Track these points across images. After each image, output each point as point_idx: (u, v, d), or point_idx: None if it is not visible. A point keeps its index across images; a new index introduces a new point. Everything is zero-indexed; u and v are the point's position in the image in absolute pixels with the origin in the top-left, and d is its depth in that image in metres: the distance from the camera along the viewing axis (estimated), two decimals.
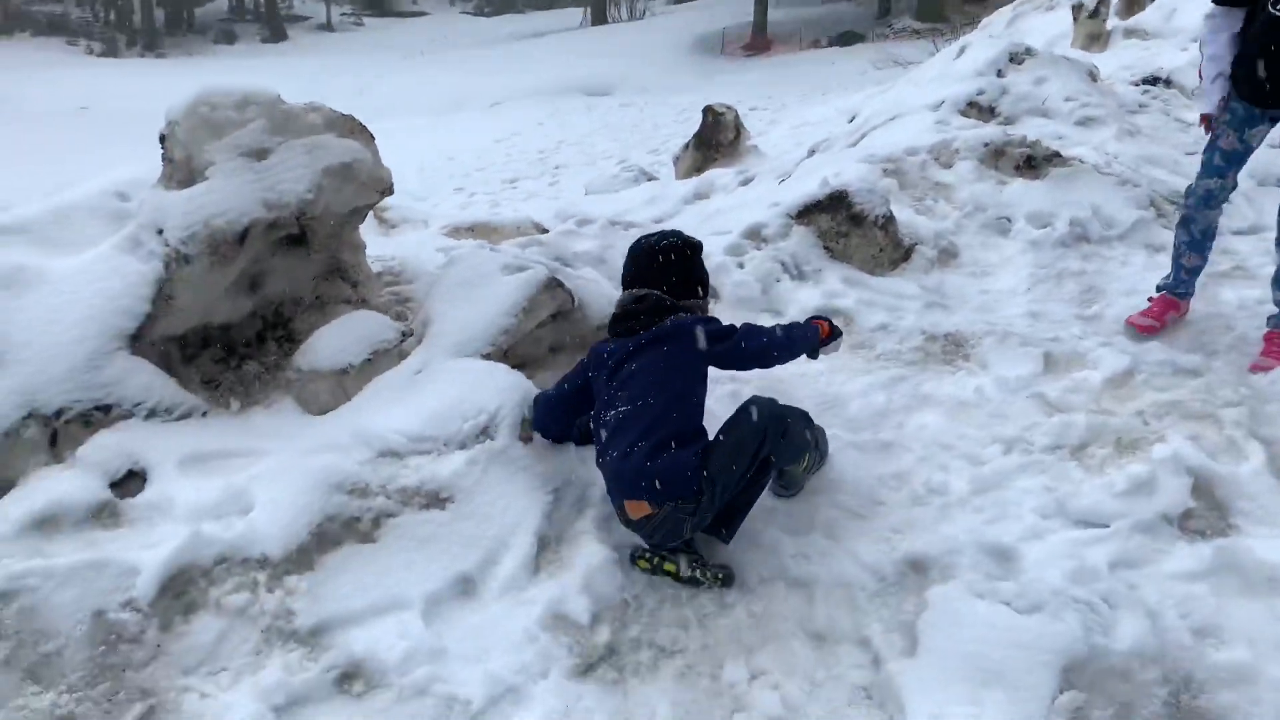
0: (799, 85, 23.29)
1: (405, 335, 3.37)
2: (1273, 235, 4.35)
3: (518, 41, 38.46)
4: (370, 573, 2.63)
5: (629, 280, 3.06)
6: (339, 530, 2.72)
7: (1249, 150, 3.49)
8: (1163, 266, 4.03)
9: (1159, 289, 3.69)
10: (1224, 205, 3.59)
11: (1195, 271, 3.64)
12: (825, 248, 4.14)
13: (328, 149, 3.24)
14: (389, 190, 3.46)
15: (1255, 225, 4.46)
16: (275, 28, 43.12)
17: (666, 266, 2.98)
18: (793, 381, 3.36)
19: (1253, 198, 4.66)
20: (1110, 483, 2.68)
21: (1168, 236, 4.26)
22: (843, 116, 12.55)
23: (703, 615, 2.53)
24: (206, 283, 3.15)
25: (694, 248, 3.04)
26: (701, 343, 2.78)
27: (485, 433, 2.93)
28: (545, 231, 4.76)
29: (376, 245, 4.27)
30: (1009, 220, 4.35)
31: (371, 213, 4.93)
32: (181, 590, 2.47)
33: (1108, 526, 2.57)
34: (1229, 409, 2.94)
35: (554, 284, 3.42)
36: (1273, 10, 3.16)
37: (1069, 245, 4.19)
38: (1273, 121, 3.38)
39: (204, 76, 3.49)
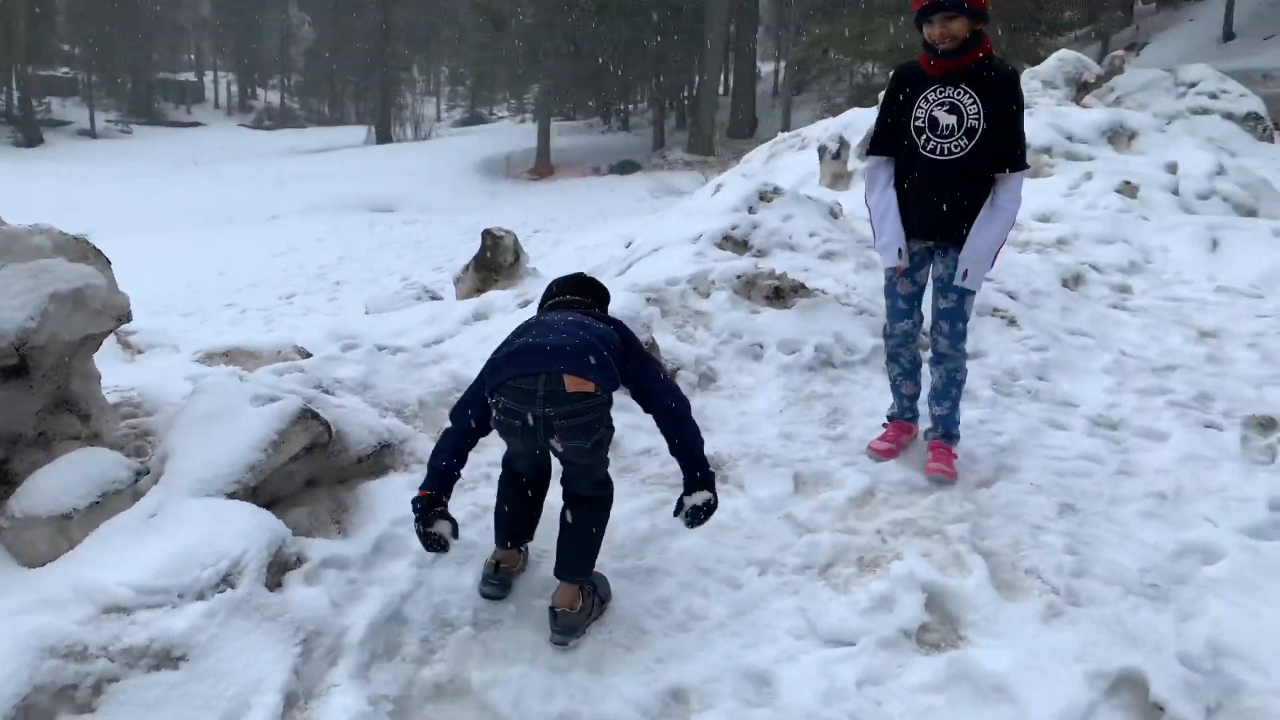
0: (581, 210, 24.13)
1: (140, 474, 3.12)
2: (989, 359, 4.88)
3: (299, 156, 37.79)
4: None
5: (551, 297, 3.26)
6: (50, 702, 2.41)
7: (923, 286, 3.77)
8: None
9: (889, 418, 4.00)
10: (921, 334, 3.91)
11: (914, 397, 3.97)
12: None
13: (55, 273, 3.01)
14: (126, 317, 3.24)
15: (976, 350, 4.96)
16: (30, 132, 40.27)
17: (598, 290, 3.26)
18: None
19: (972, 326, 5.19)
20: (855, 601, 2.83)
21: None
22: (620, 241, 13.08)
23: None
24: None
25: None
26: (630, 345, 2.91)
27: (226, 580, 2.72)
28: (308, 356, 4.59)
29: (118, 374, 3.97)
30: (761, 346, 4.63)
31: (115, 338, 4.61)
32: None
33: (854, 644, 2.69)
34: (955, 524, 3.20)
35: (308, 415, 3.28)
36: (924, 153, 3.48)
37: (816, 369, 4.50)
38: (930, 252, 3.64)
39: None
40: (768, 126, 32.45)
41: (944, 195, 3.47)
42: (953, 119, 3.41)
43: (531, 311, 6.49)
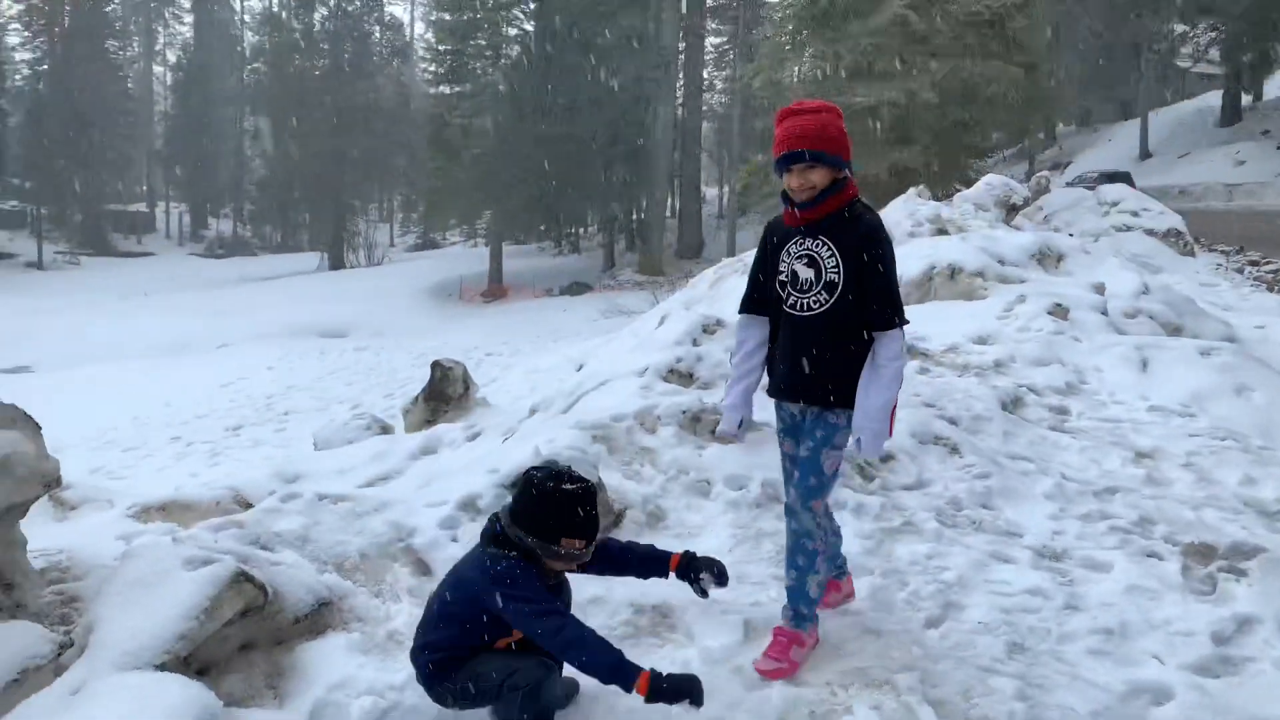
0: (532, 331, 24.33)
1: (64, 647, 2.99)
2: (934, 489, 4.92)
3: (250, 284, 37.86)
4: None
5: None
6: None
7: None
8: (847, 524, 4.39)
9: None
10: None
11: (827, 555, 3.51)
12: None
13: None
14: (55, 483, 3.17)
15: (920, 480, 5.01)
16: None
17: (517, 499, 3.03)
18: None
19: (915, 454, 5.27)
20: None
21: (848, 494, 4.69)
22: (571, 364, 13.15)
23: None
24: None
25: (535, 488, 2.95)
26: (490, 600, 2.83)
27: None
28: (248, 506, 4.50)
29: (46, 534, 3.86)
30: (709, 483, 4.63)
31: (46, 494, 4.48)
32: None
33: None
34: (904, 673, 3.16)
35: (241, 578, 3.19)
36: (787, 310, 3.25)
37: (763, 505, 4.50)
38: (803, 413, 3.35)
39: None
40: (714, 247, 33.34)
41: (806, 354, 3.22)
42: (810, 272, 3.18)
43: (480, 444, 6.48)
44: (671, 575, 3.28)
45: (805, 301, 3.21)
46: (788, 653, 3.28)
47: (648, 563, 3.30)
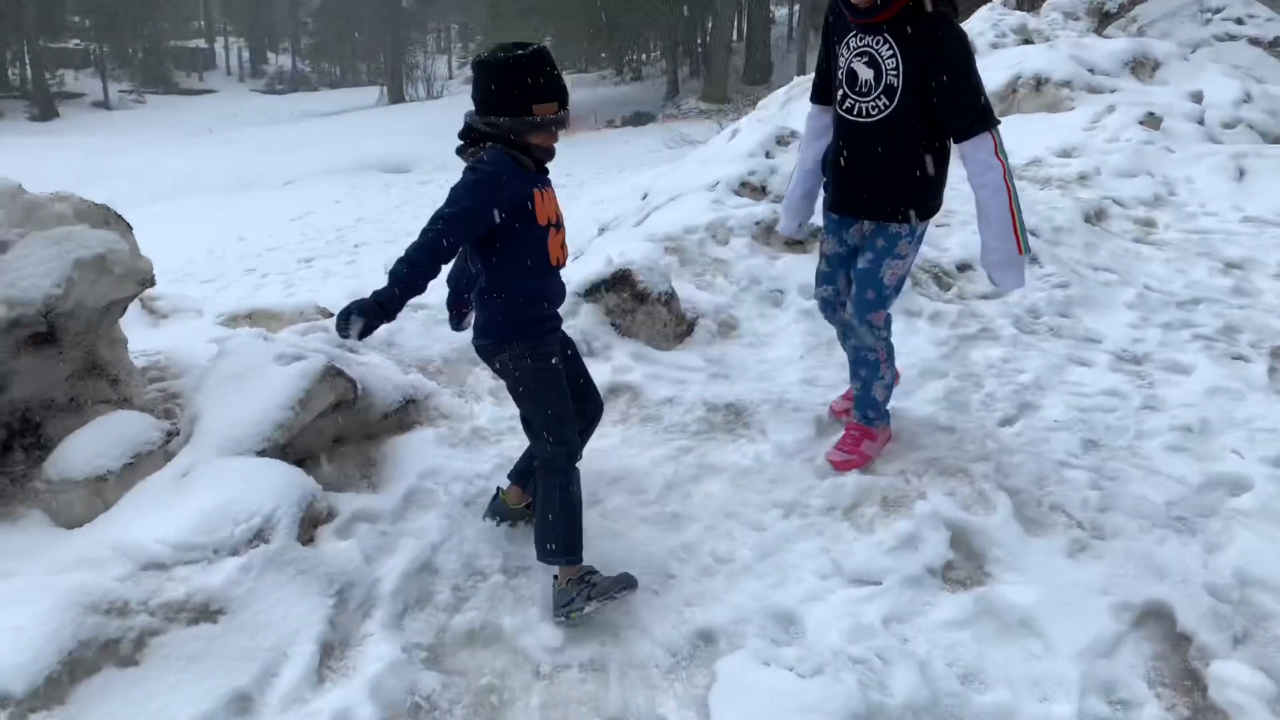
0: (595, 163, 23.96)
1: (171, 435, 3.17)
2: (1010, 297, 4.83)
3: (312, 119, 37.67)
4: (132, 700, 2.41)
5: None
6: (95, 656, 2.48)
7: (851, 251, 3.24)
8: (921, 331, 4.37)
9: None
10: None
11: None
12: (613, 324, 4.24)
13: (78, 241, 3.04)
14: (150, 282, 3.27)
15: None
16: (44, 105, 40.31)
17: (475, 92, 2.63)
18: (588, 457, 3.38)
19: None
20: (880, 541, 2.85)
21: (924, 302, 4.64)
22: (636, 193, 12.98)
23: (497, 707, 2.47)
24: None
25: (489, 63, 2.54)
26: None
27: (260, 536, 2.77)
28: (330, 316, 4.62)
29: (143, 338, 4.02)
30: (781, 292, 4.61)
31: (140, 303, 4.65)
32: None
33: (880, 583, 2.72)
34: (978, 463, 3.20)
35: (334, 372, 3.31)
36: (842, 113, 2.99)
37: None
38: (861, 230, 3.16)
39: None
40: (783, 72, 31.97)
41: (867, 166, 2.96)
42: (870, 73, 2.85)
43: None
44: None
45: (864, 106, 2.89)
46: (859, 446, 3.32)
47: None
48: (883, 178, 2.96)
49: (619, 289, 4.26)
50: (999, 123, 2.86)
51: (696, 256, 4.78)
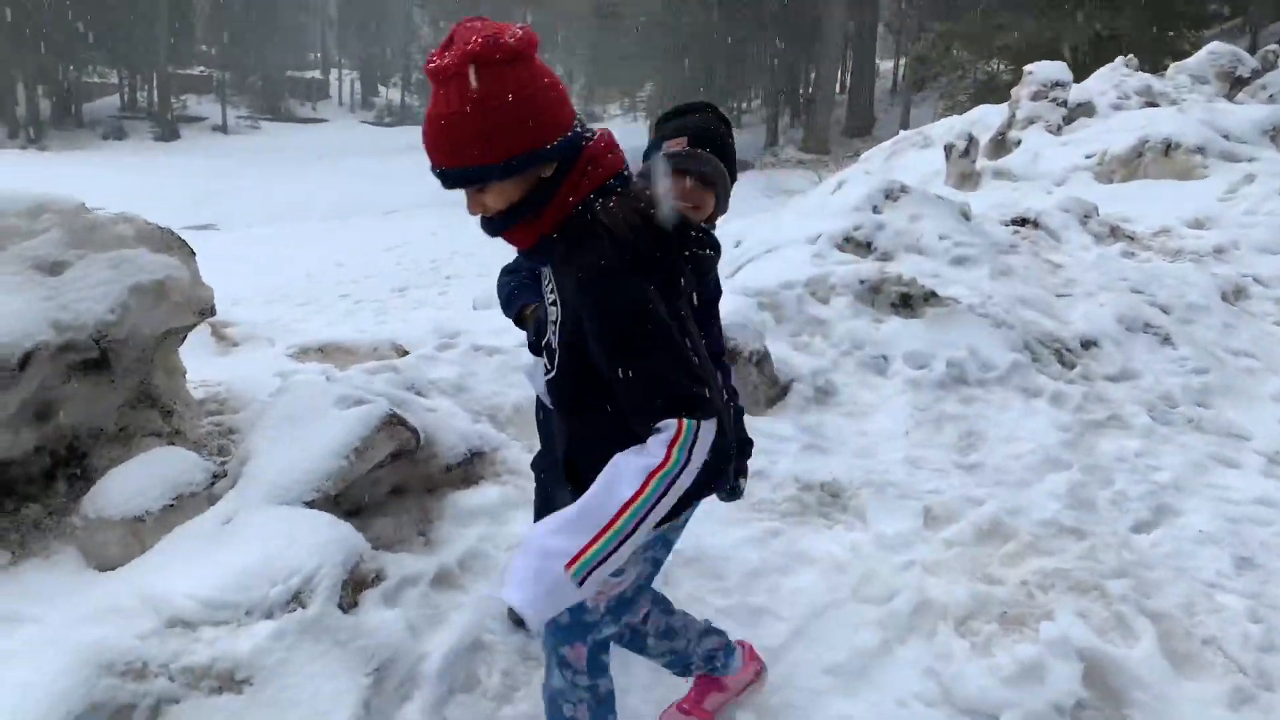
0: None
1: (217, 477, 2.95)
2: (1143, 381, 4.35)
3: (415, 152, 38.54)
4: None
5: None
6: None
7: None
8: (1041, 413, 3.94)
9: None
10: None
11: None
12: None
13: (137, 265, 2.87)
14: (210, 311, 3.09)
15: (1125, 370, 4.45)
16: (167, 126, 42.26)
17: None
18: None
19: (1121, 342, 4.68)
20: (997, 665, 2.43)
21: (1044, 381, 4.20)
22: (729, 240, 12.70)
23: None
24: None
25: None
26: None
27: (297, 599, 2.50)
28: (404, 354, 4.41)
29: (208, 368, 3.86)
30: (885, 359, 4.22)
31: (210, 329, 4.52)
32: None
33: (997, 719, 2.30)
34: (1115, 579, 2.76)
35: (394, 420, 3.06)
36: None
37: (947, 387, 4.07)
38: None
39: (83, 169, 3.08)
40: (885, 125, 31.53)
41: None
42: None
43: None
44: None
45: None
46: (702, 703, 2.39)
47: None
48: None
49: None
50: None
51: (793, 314, 4.43)
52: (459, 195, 1.70)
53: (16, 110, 38.40)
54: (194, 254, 3.08)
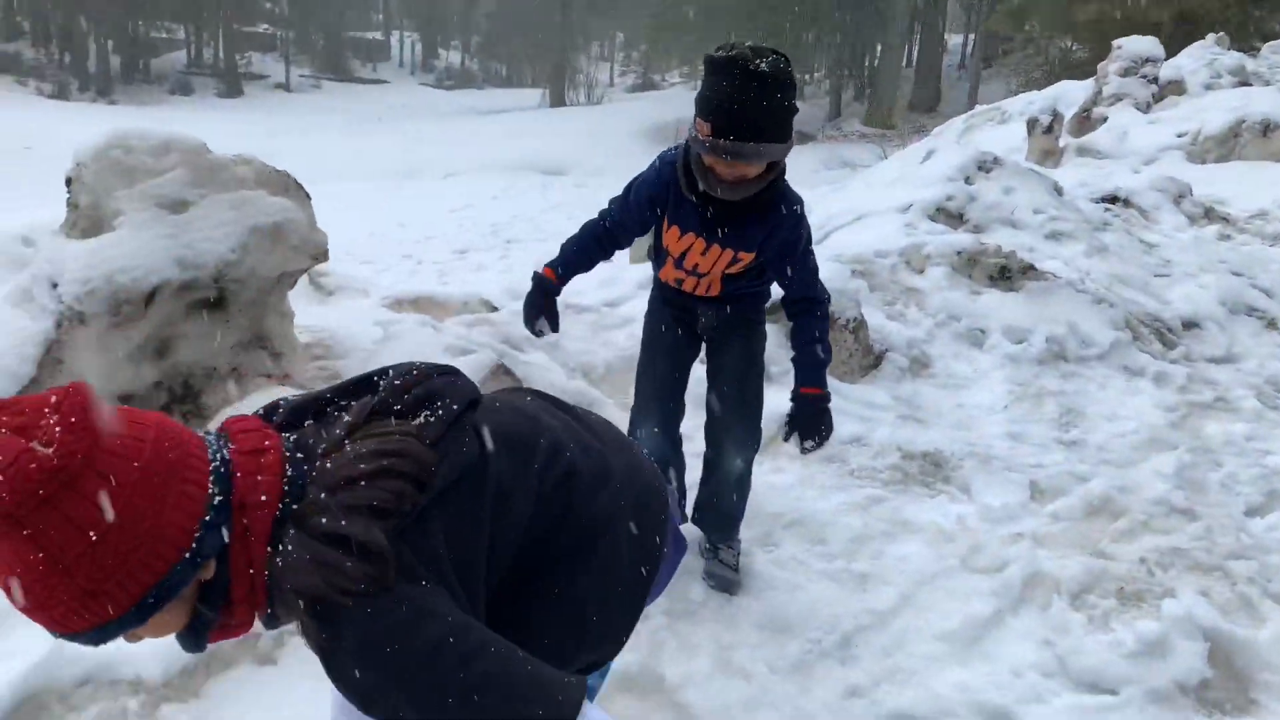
0: None
1: None
2: (1247, 365, 4.23)
3: (476, 116, 38.63)
4: (265, 702, 2.21)
5: None
6: (232, 649, 2.30)
7: None
8: (1144, 393, 3.85)
9: None
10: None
11: None
12: None
13: (257, 206, 2.90)
14: (324, 256, 3.11)
15: (1230, 353, 4.33)
16: (232, 83, 42.79)
17: None
18: (762, 492, 3.04)
19: (1224, 324, 4.55)
20: (1117, 640, 2.39)
21: (1145, 360, 4.11)
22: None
23: None
24: (104, 346, 2.76)
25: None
26: None
27: None
28: (494, 310, 4.43)
29: (309, 314, 3.90)
30: (983, 332, 4.14)
31: (307, 277, 4.57)
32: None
33: (1116, 693, 2.27)
34: (1236, 561, 2.69)
35: (502, 371, 3.09)
36: None
37: (1046, 363, 3.99)
38: None
39: (149, 124, 3.12)
40: (952, 101, 30.89)
41: None
42: None
43: None
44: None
45: None
46: None
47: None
48: None
49: None
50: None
51: (887, 283, 4.36)
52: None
53: (87, 64, 39.13)
54: (310, 198, 3.10)
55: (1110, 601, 2.55)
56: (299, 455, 1.15)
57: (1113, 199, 6.36)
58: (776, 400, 3.56)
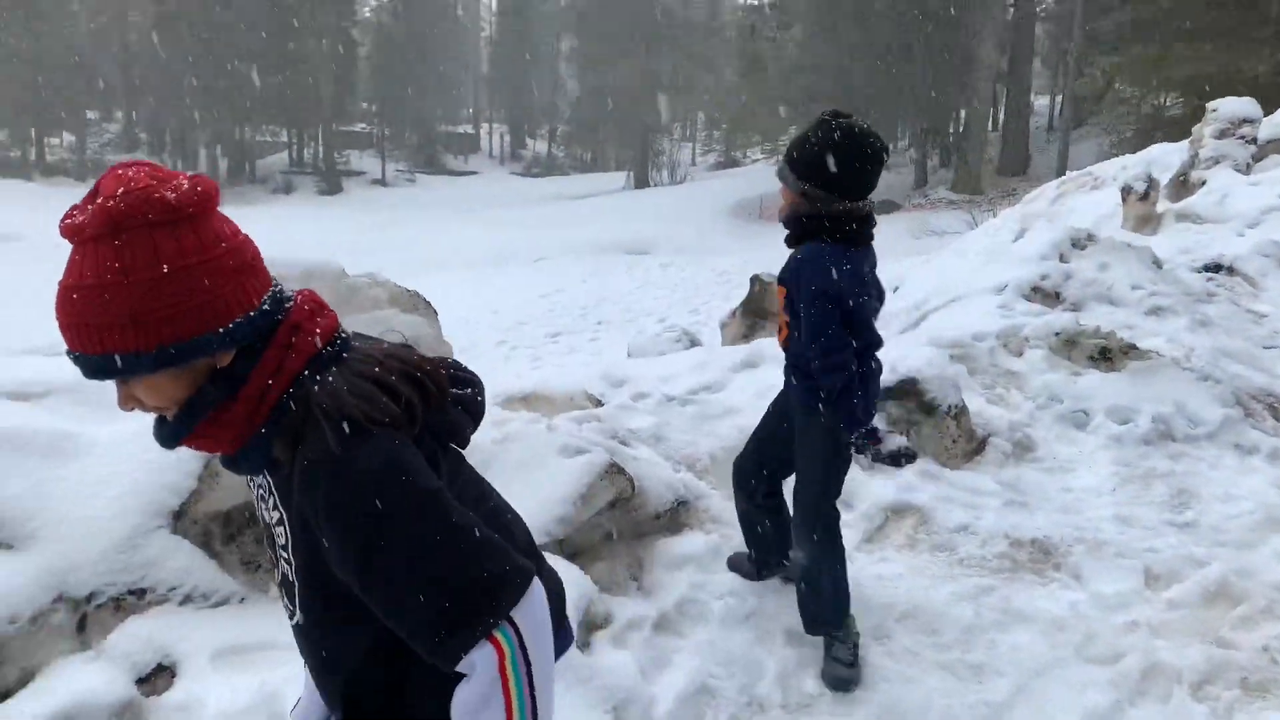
0: None
1: None
2: None
3: (563, 201, 39.78)
4: None
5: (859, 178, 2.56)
6: None
7: None
8: (1259, 471, 3.80)
9: None
10: None
11: None
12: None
13: (391, 325, 3.16)
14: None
15: None
16: (331, 181, 45.10)
17: None
18: (869, 584, 3.11)
19: None
20: None
21: (1258, 437, 4.05)
22: (887, 284, 12.57)
23: None
24: None
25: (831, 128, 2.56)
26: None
27: None
28: (599, 403, 4.62)
29: None
30: (1086, 414, 4.15)
31: None
32: None
33: None
34: None
35: (614, 469, 3.25)
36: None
37: (1153, 443, 3.97)
38: None
39: (259, 224, 3.43)
40: (1041, 164, 30.61)
41: None
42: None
43: None
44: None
45: None
46: None
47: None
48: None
49: (904, 399, 3.98)
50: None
51: (986, 367, 4.42)
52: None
53: (198, 165, 41.79)
54: (436, 313, 3.36)
55: (1234, 692, 2.54)
56: (341, 336, 1.34)
57: (1216, 267, 6.28)
58: (878, 488, 3.64)
